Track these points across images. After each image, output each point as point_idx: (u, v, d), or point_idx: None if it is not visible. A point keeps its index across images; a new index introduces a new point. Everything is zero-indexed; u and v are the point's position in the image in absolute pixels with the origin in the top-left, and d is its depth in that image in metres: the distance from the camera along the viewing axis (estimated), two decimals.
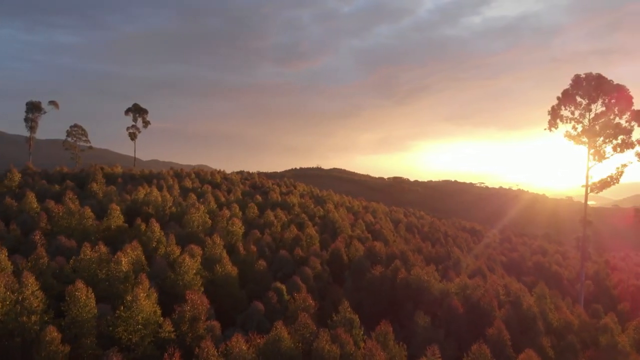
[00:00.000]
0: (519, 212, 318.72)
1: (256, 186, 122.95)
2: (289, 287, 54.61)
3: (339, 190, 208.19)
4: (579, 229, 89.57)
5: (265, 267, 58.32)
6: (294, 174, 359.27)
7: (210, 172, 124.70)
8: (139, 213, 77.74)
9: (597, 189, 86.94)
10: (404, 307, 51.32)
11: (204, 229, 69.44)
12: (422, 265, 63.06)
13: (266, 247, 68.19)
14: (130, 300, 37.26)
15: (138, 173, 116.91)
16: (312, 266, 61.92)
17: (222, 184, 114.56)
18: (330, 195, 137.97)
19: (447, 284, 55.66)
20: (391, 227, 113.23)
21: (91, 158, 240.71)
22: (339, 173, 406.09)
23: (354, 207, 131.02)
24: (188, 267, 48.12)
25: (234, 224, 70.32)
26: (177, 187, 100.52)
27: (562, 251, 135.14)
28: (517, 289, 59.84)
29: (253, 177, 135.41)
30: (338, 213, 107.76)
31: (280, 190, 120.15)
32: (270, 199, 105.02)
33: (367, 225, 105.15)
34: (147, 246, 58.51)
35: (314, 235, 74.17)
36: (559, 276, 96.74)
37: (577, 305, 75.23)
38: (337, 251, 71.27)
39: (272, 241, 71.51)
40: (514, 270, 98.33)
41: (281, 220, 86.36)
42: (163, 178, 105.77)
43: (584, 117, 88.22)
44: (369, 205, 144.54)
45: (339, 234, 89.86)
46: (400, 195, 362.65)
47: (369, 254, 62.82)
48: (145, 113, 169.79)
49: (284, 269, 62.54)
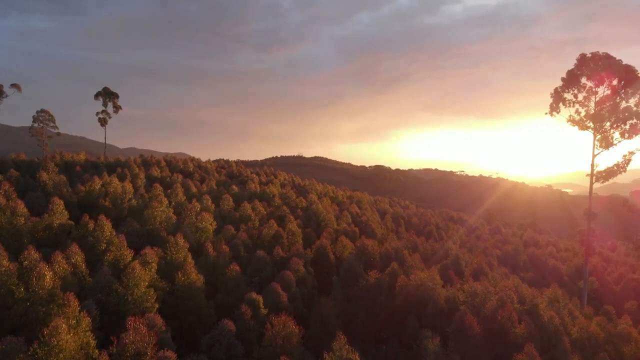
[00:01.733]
0: (500, 200, 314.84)
1: (233, 175, 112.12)
2: (266, 298, 44.73)
3: (320, 179, 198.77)
4: (583, 221, 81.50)
5: (238, 273, 48.20)
6: (275, 162, 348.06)
7: (183, 159, 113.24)
8: (94, 207, 66.60)
9: (603, 179, 78.94)
10: (405, 321, 41.97)
11: (167, 225, 58.79)
12: (421, 265, 53.86)
13: (241, 246, 58.02)
14: (48, 333, 26.84)
15: (102, 161, 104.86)
16: (295, 269, 52.11)
17: (195, 172, 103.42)
18: (312, 184, 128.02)
19: (452, 291, 46.53)
20: (378, 219, 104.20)
21: (67, 146, 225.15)
22: (321, 161, 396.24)
23: (338, 197, 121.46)
24: (138, 279, 37.70)
25: (203, 219, 59.86)
26: (142, 176, 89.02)
27: (553, 242, 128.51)
28: (530, 294, 51.16)
29: (230, 166, 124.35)
30: (322, 204, 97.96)
31: (260, 180, 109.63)
32: (248, 190, 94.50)
33: (353, 217, 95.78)
34: (94, 249, 47.79)
35: (296, 231, 64.24)
36: (557, 271, 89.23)
37: (588, 308, 67.44)
38: (322, 249, 61.59)
39: (248, 239, 61.33)
40: (509, 264, 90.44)
41: (260, 213, 76.13)
42: (128, 166, 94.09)
43: (589, 100, 79.86)
44: (354, 195, 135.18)
45: (324, 227, 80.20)
46: (381, 184, 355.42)
47: (359, 254, 53.29)
48: (115, 97, 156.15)
49: (261, 272, 52.56)
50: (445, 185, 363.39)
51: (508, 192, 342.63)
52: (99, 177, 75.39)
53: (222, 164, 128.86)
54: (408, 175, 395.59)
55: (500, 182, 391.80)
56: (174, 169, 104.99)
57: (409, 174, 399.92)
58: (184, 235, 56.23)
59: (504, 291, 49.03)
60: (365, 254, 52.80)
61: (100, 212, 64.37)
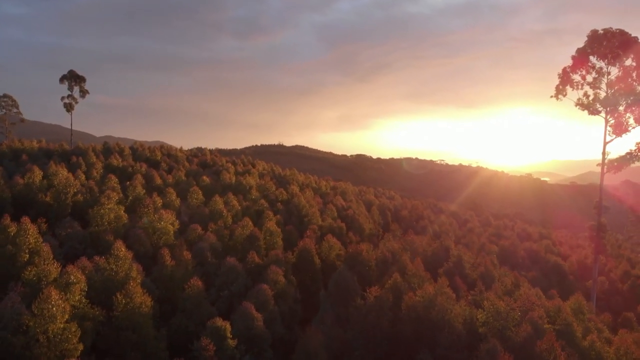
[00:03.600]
0: (482, 189, 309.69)
1: (206, 164, 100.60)
2: (236, 322, 34.46)
3: (302, 168, 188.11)
4: (593, 216, 73.09)
5: (201, 289, 37.62)
6: (255, 151, 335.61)
7: (149, 147, 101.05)
8: (32, 203, 54.87)
9: (615, 169, 70.49)
10: (415, 354, 32.19)
11: (117, 226, 47.64)
12: (426, 274, 44.18)
13: (208, 251, 47.31)
14: None
15: (57, 148, 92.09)
16: (273, 280, 41.82)
17: (162, 161, 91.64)
18: (294, 174, 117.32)
19: (469, 309, 36.99)
20: (365, 212, 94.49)
21: (40, 134, 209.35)
22: (302, 150, 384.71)
23: (322, 188, 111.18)
24: (55, 309, 26.86)
25: (162, 218, 48.87)
26: (100, 166, 77.09)
27: (546, 234, 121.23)
28: (555, 307, 42.02)
29: (204, 154, 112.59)
30: (304, 196, 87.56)
31: (236, 170, 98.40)
32: (221, 181, 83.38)
33: (339, 211, 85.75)
34: (15, 261, 36.58)
35: (275, 231, 53.70)
36: (559, 269, 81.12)
37: (606, 315, 59.18)
38: (306, 252, 51.35)
39: (217, 241, 50.64)
40: (508, 262, 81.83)
41: (233, 208, 65.28)
42: (83, 154, 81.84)
43: (600, 82, 71.08)
44: (338, 185, 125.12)
45: (307, 224, 69.95)
46: (363, 173, 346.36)
47: (352, 261, 43.18)
48: (82, 81, 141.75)
49: (231, 285, 42.10)
50: (426, 174, 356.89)
51: (489, 180, 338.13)
52: (46, 167, 63.51)
53: (194, 152, 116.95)
54: (389, 164, 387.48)
55: (479, 171, 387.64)
56: (139, 157, 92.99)
57: (390, 163, 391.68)
58: (136, 239, 45.38)
59: (527, 304, 39.81)
60: (358, 261, 42.78)
61: (40, 210, 53.02)
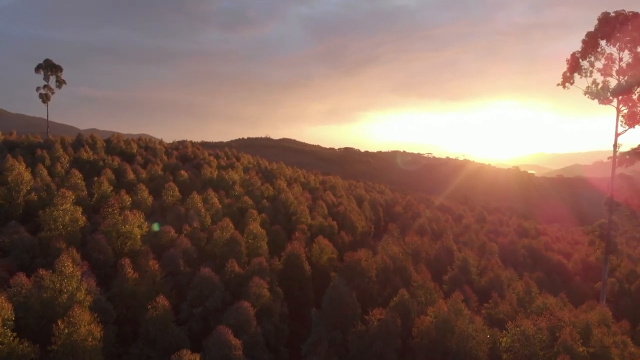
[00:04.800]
0: (470, 182, 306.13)
1: (187, 158, 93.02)
2: (209, 352, 27.77)
3: (289, 161, 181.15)
4: (604, 213, 67.54)
5: (168, 309, 30.77)
6: (241, 144, 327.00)
7: (125, 139, 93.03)
8: None
9: (627, 162, 65.01)
10: None
11: (72, 231, 40.36)
12: (434, 286, 37.87)
13: (181, 259, 40.35)
14: None
15: (23, 140, 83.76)
16: (256, 294, 35.12)
17: (139, 155, 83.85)
18: (281, 168, 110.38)
19: (489, 332, 30.76)
20: (356, 208, 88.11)
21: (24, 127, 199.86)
22: (289, 143, 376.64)
23: (310, 182, 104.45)
24: None
25: (127, 221, 41.68)
26: (66, 159, 69.28)
27: (542, 229, 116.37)
28: (583, 323, 36.05)
29: (185, 147, 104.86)
30: (292, 192, 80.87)
31: (219, 164, 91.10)
32: (202, 176, 76.13)
33: (329, 207, 79.23)
34: None
35: (260, 234, 46.80)
36: (563, 268, 75.81)
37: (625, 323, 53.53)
38: (294, 258, 44.68)
39: (192, 246, 43.67)
40: (509, 260, 76.33)
41: (213, 207, 58.20)
42: (49, 147, 73.83)
43: (611, 69, 65.34)
44: (327, 179, 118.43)
45: (296, 223, 63.30)
46: (351, 166, 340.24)
47: (349, 272, 36.57)
48: (59, 70, 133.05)
49: (206, 300, 35.30)
50: (414, 168, 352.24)
51: (475, 174, 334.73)
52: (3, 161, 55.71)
53: (174, 144, 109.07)
54: (377, 157, 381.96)
55: (466, 164, 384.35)
56: (113, 150, 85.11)
57: (378, 156, 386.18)
58: (95, 245, 38.23)
59: (553, 321, 33.80)
60: (357, 272, 36.20)
61: None
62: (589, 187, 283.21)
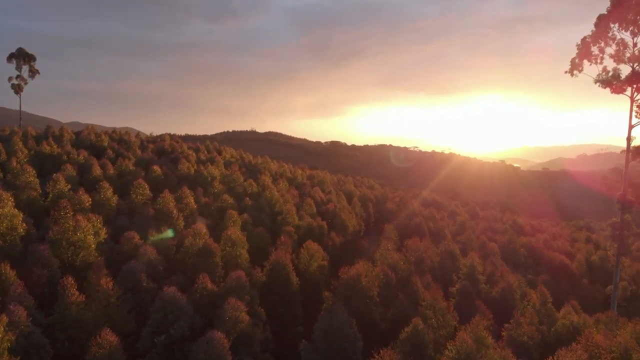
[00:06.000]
0: (454, 176, 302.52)
1: (163, 151, 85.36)
2: None
3: (275, 155, 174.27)
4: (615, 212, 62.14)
5: (115, 344, 23.99)
6: (226, 137, 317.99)
7: (96, 132, 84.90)
8: None
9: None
10: None
11: (11, 240, 33.07)
12: (442, 300, 31.65)
13: (143, 274, 33.40)
14: None
15: None
16: (232, 319, 28.52)
17: (109, 148, 76.03)
18: (266, 162, 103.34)
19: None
20: (346, 205, 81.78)
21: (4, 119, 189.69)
22: (275, 137, 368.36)
23: (297, 178, 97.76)
24: None
25: (79, 227, 34.53)
26: (25, 154, 61.38)
27: (537, 226, 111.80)
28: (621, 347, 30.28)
29: (163, 140, 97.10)
30: (277, 188, 74.18)
31: (198, 158, 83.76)
32: (178, 171, 68.88)
33: (318, 205, 72.74)
34: None
35: (239, 241, 40.00)
36: (567, 270, 70.61)
37: None
38: (280, 268, 38.06)
39: (159, 257, 36.72)
40: (510, 261, 70.98)
41: (187, 208, 51.19)
42: (7, 140, 65.75)
43: (623, 55, 59.84)
44: (314, 174, 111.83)
45: (281, 224, 56.67)
46: (338, 160, 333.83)
47: (347, 292, 29.95)
48: (32, 60, 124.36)
49: (171, 327, 28.54)
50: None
51: (461, 167, 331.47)
52: None
53: (151, 137, 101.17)
54: (364, 151, 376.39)
55: (452, 158, 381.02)
56: (82, 143, 77.19)
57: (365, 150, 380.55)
58: (38, 258, 31.14)
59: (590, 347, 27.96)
60: (356, 291, 29.65)
61: None
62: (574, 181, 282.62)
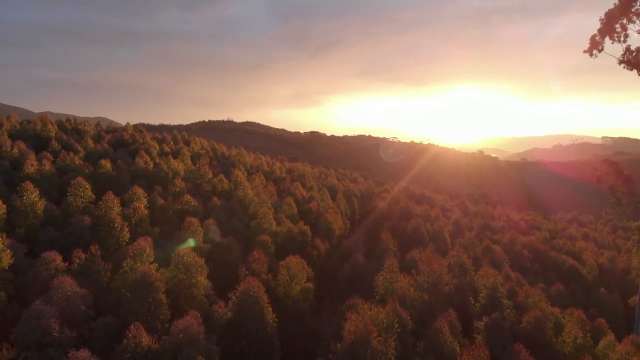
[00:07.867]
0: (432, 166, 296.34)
1: (122, 143, 73.57)
2: None
3: (253, 146, 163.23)
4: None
5: None
6: (202, 127, 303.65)
7: (44, 121, 72.05)
8: None
9: None
10: None
11: None
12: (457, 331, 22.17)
13: (53, 320, 22.82)
14: None
15: None
16: None
17: (55, 140, 63.90)
18: (240, 154, 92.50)
19: None
20: (330, 203, 71.98)
21: None
22: (253, 127, 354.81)
23: (275, 172, 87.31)
24: None
25: None
26: None
27: (531, 221, 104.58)
28: None
29: (124, 129, 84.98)
30: (252, 185, 63.86)
31: (161, 150, 72.47)
32: (134, 166, 57.63)
33: (299, 204, 62.85)
34: None
35: (195, 263, 29.65)
36: (578, 275, 62.50)
37: None
38: (250, 302, 28.07)
39: (84, 290, 26.10)
40: (515, 265, 62.62)
41: (136, 214, 40.32)
42: None
43: None
44: (294, 167, 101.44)
45: (256, 230, 46.49)
46: (318, 151, 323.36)
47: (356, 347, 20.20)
48: None
49: None
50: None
51: (439, 157, 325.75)
52: None
53: (110, 127, 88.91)
54: (343, 141, 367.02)
55: (430, 148, 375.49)
56: (24, 134, 64.90)
57: (344, 141, 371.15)
58: None
59: None
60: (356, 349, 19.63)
61: None
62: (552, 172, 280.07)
